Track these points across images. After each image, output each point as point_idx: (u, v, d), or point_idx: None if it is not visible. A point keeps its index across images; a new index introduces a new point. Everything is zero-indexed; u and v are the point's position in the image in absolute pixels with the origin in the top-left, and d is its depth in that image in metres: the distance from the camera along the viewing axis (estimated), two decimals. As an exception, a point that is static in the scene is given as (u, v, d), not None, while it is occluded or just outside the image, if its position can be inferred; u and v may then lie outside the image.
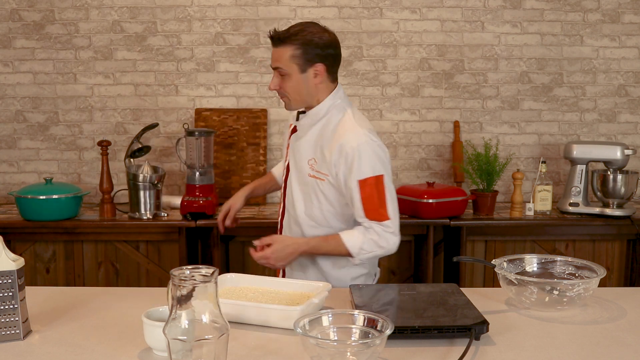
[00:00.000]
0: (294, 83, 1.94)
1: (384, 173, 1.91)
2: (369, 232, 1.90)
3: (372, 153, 1.90)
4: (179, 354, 1.13)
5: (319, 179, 1.97)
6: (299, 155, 2.02)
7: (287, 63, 1.92)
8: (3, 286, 1.40)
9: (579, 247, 3.23)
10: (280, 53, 1.92)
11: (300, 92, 1.96)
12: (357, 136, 1.90)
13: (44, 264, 3.17)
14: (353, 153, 1.88)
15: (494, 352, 1.35)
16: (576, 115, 3.56)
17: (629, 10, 3.49)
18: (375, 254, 1.93)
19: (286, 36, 1.91)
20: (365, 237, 1.90)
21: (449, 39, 3.49)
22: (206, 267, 1.16)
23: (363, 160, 1.88)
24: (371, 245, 1.90)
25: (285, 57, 1.92)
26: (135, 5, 3.42)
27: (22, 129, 3.50)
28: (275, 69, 1.95)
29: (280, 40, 1.91)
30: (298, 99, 1.98)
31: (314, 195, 1.99)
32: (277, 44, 1.92)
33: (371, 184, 1.88)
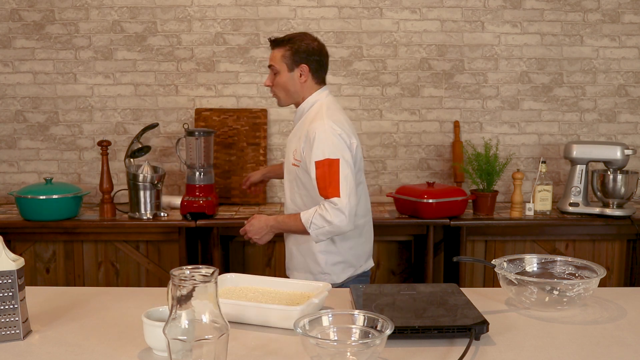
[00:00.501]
0: (283, 80, 2.24)
1: (340, 158, 2.10)
2: (320, 208, 2.09)
3: (329, 139, 2.12)
4: (179, 354, 1.13)
5: (297, 166, 2.22)
6: (288, 149, 2.32)
7: (279, 62, 2.24)
8: (3, 286, 1.40)
9: (579, 247, 3.23)
10: (274, 54, 2.25)
11: (288, 88, 2.26)
12: (321, 124, 2.14)
13: (44, 264, 3.17)
14: (313, 137, 2.13)
15: (494, 352, 1.35)
16: (576, 115, 3.56)
17: (629, 10, 3.49)
18: (325, 229, 2.07)
19: (281, 40, 2.25)
20: (316, 212, 2.09)
21: (449, 39, 3.49)
22: (206, 267, 1.16)
23: (320, 144, 2.11)
24: (320, 220, 2.07)
25: (278, 57, 2.24)
26: (135, 5, 3.43)
27: (22, 129, 3.51)
28: (270, 67, 2.27)
29: (276, 43, 2.26)
30: (286, 95, 2.28)
31: (295, 183, 2.25)
32: (273, 46, 2.26)
33: (325, 165, 2.09)
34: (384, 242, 3.41)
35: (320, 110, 2.20)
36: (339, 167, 2.08)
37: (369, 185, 3.56)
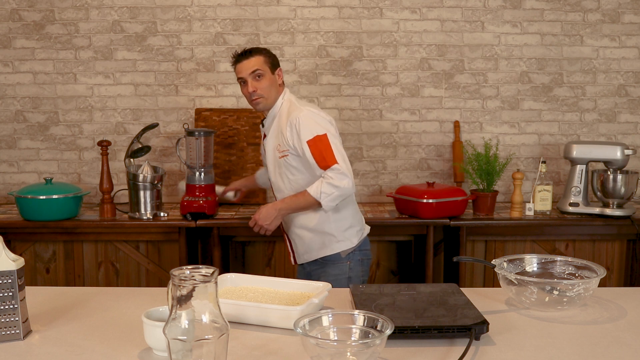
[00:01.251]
0: (269, 82, 2.44)
1: (326, 132, 2.34)
2: (325, 179, 2.31)
3: (310, 119, 2.36)
4: (179, 354, 1.13)
5: (285, 155, 2.41)
6: (269, 149, 2.50)
7: (263, 66, 2.44)
8: (3, 286, 1.40)
9: (579, 247, 3.23)
10: (255, 61, 2.43)
11: (272, 90, 2.46)
12: (298, 111, 2.39)
13: (44, 264, 3.17)
14: (297, 122, 2.36)
15: (494, 352, 1.35)
16: (576, 115, 3.56)
17: (629, 10, 3.49)
18: (335, 194, 2.29)
19: (254, 50, 2.46)
20: (322, 182, 2.30)
21: (449, 39, 3.49)
22: (206, 267, 1.16)
23: (305, 126, 2.35)
24: (329, 187, 2.29)
25: (260, 62, 2.44)
26: (135, 5, 3.43)
27: (22, 129, 3.51)
28: (253, 73, 2.42)
29: (252, 52, 2.45)
30: (270, 96, 2.46)
31: (287, 171, 2.44)
32: (248, 56, 2.44)
33: (316, 141, 2.32)
34: (384, 242, 3.41)
35: (291, 105, 2.45)
36: (328, 139, 2.33)
37: (369, 185, 3.57)
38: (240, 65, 2.45)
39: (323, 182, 2.30)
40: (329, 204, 2.32)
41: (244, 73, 2.44)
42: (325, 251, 2.46)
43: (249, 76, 2.43)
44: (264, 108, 2.49)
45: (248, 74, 2.43)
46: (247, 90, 2.45)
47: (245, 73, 2.44)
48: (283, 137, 2.41)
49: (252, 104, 2.49)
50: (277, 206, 2.41)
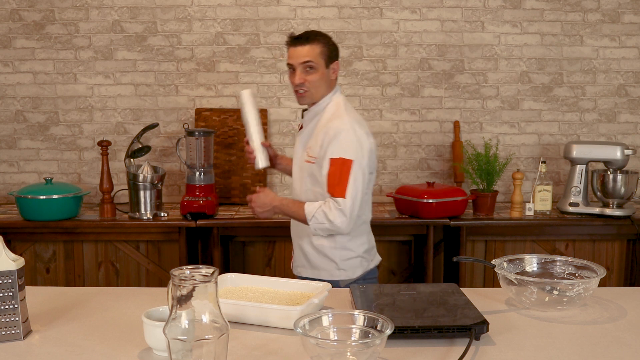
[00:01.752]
0: (319, 76, 2.20)
1: (354, 160, 2.11)
2: (325, 205, 2.11)
3: (349, 139, 2.13)
4: (179, 354, 1.13)
5: (311, 162, 2.21)
6: (300, 145, 2.31)
7: (317, 57, 2.18)
8: (3, 286, 1.40)
9: (579, 247, 3.23)
10: (309, 49, 2.17)
11: (322, 85, 2.21)
12: (342, 122, 2.16)
13: (44, 264, 3.17)
14: (334, 134, 2.14)
15: (494, 352, 1.35)
16: (576, 115, 3.56)
17: (629, 10, 3.49)
18: (325, 226, 2.11)
19: (313, 36, 2.20)
20: (320, 207, 2.11)
21: (449, 39, 3.49)
22: (206, 267, 1.16)
23: (338, 142, 2.12)
24: (322, 216, 2.10)
25: (316, 52, 2.18)
26: (135, 5, 3.43)
27: (22, 129, 3.51)
28: (304, 64, 2.18)
29: (309, 39, 2.18)
30: (317, 92, 2.22)
31: (309, 178, 2.24)
32: (304, 42, 2.18)
33: (338, 164, 2.11)
34: (384, 242, 3.41)
35: (338, 109, 2.21)
36: (350, 168, 2.10)
37: (369, 185, 3.56)
38: (293, 50, 2.20)
39: (321, 207, 2.11)
40: (316, 231, 2.15)
41: (294, 60, 2.20)
42: (321, 274, 2.24)
43: (299, 65, 2.19)
44: (307, 102, 2.27)
45: (299, 63, 2.19)
46: (294, 80, 2.21)
47: (296, 61, 2.19)
48: (317, 141, 2.21)
49: (296, 95, 2.26)
50: (274, 202, 2.23)
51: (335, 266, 2.24)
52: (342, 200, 2.08)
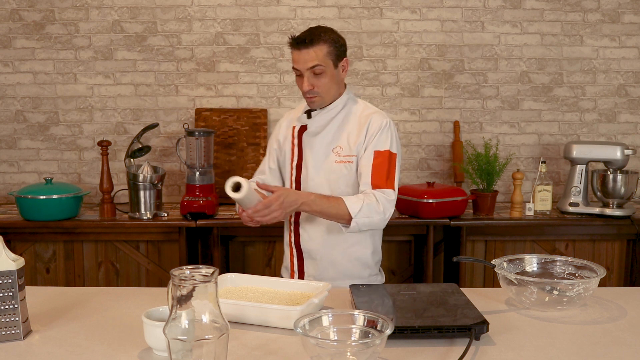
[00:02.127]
0: (329, 79, 2.07)
1: (398, 154, 2.08)
2: (368, 197, 1.98)
3: (393, 134, 2.09)
4: (179, 354, 1.13)
5: (347, 162, 2.08)
6: (320, 149, 2.12)
7: (325, 60, 2.04)
8: (3, 286, 1.40)
9: (579, 247, 3.23)
10: (314, 52, 2.03)
11: (332, 87, 2.09)
12: (383, 116, 2.10)
13: (44, 264, 3.17)
14: (380, 127, 2.06)
15: (494, 352, 1.35)
16: (576, 115, 3.56)
17: (629, 10, 3.49)
18: (372, 220, 1.97)
19: (317, 37, 2.04)
20: (364, 201, 1.97)
21: (449, 39, 3.49)
22: (206, 267, 1.16)
23: (385, 136, 2.06)
24: (369, 210, 1.96)
25: (322, 55, 2.03)
26: (135, 5, 3.43)
27: (22, 129, 3.51)
28: (312, 69, 2.03)
29: (313, 41, 2.03)
30: (329, 94, 2.10)
31: (343, 180, 2.09)
32: (308, 45, 2.02)
33: (385, 156, 2.04)
34: (384, 242, 3.37)
35: (366, 105, 2.15)
36: (396, 162, 2.07)
37: (369, 185, 3.56)
38: (298, 54, 2.04)
39: (365, 200, 1.96)
40: (358, 227, 1.96)
41: (300, 65, 2.04)
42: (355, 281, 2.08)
43: (306, 71, 2.03)
44: (319, 106, 2.12)
45: (305, 69, 2.03)
46: (302, 85, 2.06)
47: (302, 66, 2.04)
48: (351, 140, 2.07)
49: (307, 100, 2.12)
50: (302, 197, 1.93)
51: (370, 271, 2.16)
52: (391, 192, 2.01)
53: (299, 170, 2.17)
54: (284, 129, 2.25)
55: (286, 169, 2.23)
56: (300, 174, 2.16)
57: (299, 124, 2.19)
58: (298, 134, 2.18)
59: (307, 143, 2.16)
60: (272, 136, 2.30)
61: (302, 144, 2.17)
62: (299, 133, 2.18)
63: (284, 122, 2.27)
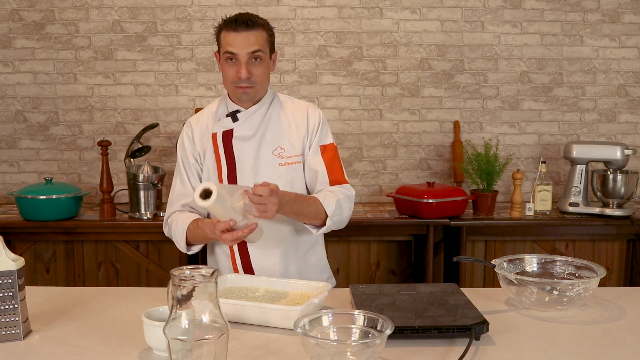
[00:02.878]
0: (265, 68, 1.88)
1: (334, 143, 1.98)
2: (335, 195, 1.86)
3: (328, 123, 1.98)
4: (179, 354, 1.13)
5: (294, 162, 1.92)
6: (256, 154, 1.90)
7: (264, 46, 1.86)
8: (3, 286, 1.40)
9: (579, 247, 3.23)
10: (256, 36, 1.84)
11: (267, 79, 1.91)
12: (315, 108, 1.97)
13: (44, 264, 3.17)
14: (319, 120, 1.94)
15: (494, 352, 1.35)
16: (576, 115, 3.56)
17: (629, 10, 3.49)
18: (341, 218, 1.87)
19: (257, 20, 1.87)
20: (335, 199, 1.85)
21: (449, 39, 3.49)
22: (206, 267, 1.16)
23: (325, 128, 1.95)
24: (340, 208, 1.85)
25: (263, 40, 1.86)
26: (135, 5, 3.43)
27: (22, 129, 3.51)
28: (252, 53, 1.83)
29: (255, 24, 1.85)
30: (263, 87, 1.91)
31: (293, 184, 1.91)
32: (250, 27, 1.84)
33: (332, 149, 1.93)
34: (384, 242, 3.41)
35: (292, 99, 2.00)
36: (337, 152, 1.96)
37: (369, 185, 3.57)
38: (235, 37, 1.82)
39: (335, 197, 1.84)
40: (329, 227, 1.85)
41: (239, 49, 1.82)
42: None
43: (245, 55, 1.82)
44: (250, 99, 1.90)
45: (245, 53, 1.82)
46: (238, 72, 1.83)
47: (242, 50, 1.82)
48: (292, 137, 1.91)
49: (238, 91, 1.87)
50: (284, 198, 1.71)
51: (328, 274, 2.08)
52: (350, 186, 1.93)
53: (232, 182, 1.91)
54: (199, 139, 1.96)
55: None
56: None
57: (221, 129, 1.92)
58: (223, 141, 1.92)
59: (237, 149, 1.91)
60: (184, 152, 1.98)
61: (231, 152, 1.91)
62: (225, 140, 1.92)
63: (196, 131, 1.97)
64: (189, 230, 1.88)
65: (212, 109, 2.00)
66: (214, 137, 1.93)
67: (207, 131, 1.96)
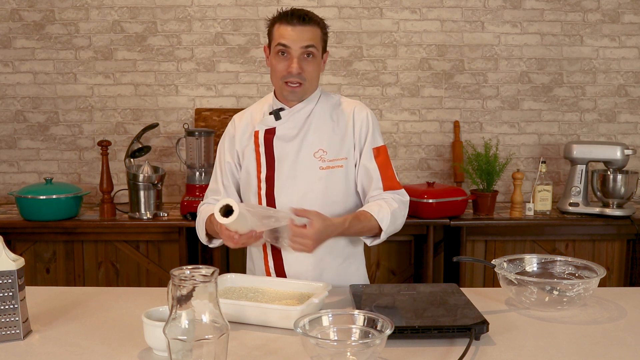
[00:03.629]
0: (316, 66, 1.82)
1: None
2: (389, 204, 1.78)
3: (378, 124, 1.89)
4: (179, 354, 1.13)
5: (337, 167, 1.83)
6: (297, 155, 1.84)
7: (318, 43, 1.80)
8: (3, 286, 1.40)
9: (579, 247, 3.23)
10: (312, 32, 1.77)
11: (316, 77, 1.84)
12: (364, 107, 1.88)
13: (44, 264, 3.17)
14: (368, 121, 1.85)
15: (494, 352, 1.35)
16: (576, 115, 3.56)
17: (629, 10, 3.49)
18: (396, 226, 1.80)
19: (313, 16, 1.81)
20: (389, 209, 1.77)
21: (449, 39, 3.49)
22: (206, 267, 1.16)
23: (376, 129, 1.86)
24: (394, 218, 1.77)
25: (318, 36, 1.80)
26: (135, 5, 3.42)
27: (22, 129, 3.50)
28: (305, 48, 1.77)
29: (311, 20, 1.79)
30: (312, 86, 1.84)
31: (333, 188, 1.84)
32: (306, 22, 1.78)
33: (384, 152, 1.85)
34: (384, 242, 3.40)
35: (339, 96, 1.93)
36: (388, 154, 1.88)
37: (369, 185, 3.56)
38: (292, 30, 1.75)
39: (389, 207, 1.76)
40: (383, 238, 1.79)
41: (293, 43, 1.75)
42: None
43: (299, 49, 1.75)
44: (298, 98, 1.83)
45: (299, 47, 1.75)
46: (289, 66, 1.76)
47: (296, 44, 1.75)
48: (336, 139, 1.83)
49: (286, 87, 1.79)
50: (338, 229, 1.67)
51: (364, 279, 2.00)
52: (404, 191, 1.85)
53: (269, 183, 1.84)
54: (240, 138, 1.92)
55: (251, 184, 1.89)
56: (273, 187, 1.84)
57: (264, 127, 1.87)
58: (265, 140, 1.87)
59: (278, 150, 1.85)
60: (223, 149, 1.95)
61: (271, 152, 1.86)
62: (266, 139, 1.87)
63: (238, 129, 1.93)
64: (207, 223, 1.85)
65: (257, 106, 1.95)
66: (256, 136, 1.88)
67: (249, 129, 1.91)
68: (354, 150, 1.85)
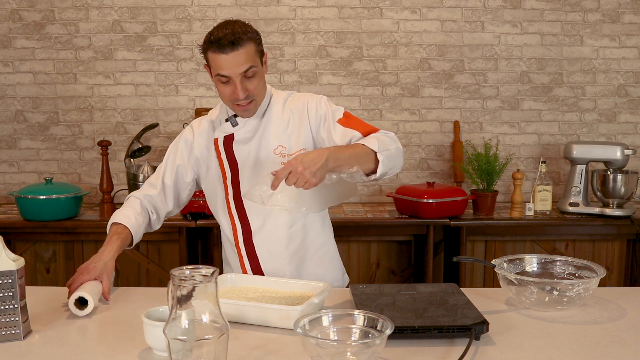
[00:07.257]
0: (260, 79, 1.81)
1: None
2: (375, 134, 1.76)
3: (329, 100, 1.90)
4: (179, 354, 1.13)
5: None
6: (258, 155, 1.87)
7: (255, 59, 1.77)
8: (3, 286, 1.40)
9: (579, 247, 3.23)
10: (245, 54, 1.73)
11: (264, 86, 1.85)
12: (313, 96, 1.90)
13: (44, 264, 3.17)
14: (320, 103, 1.86)
15: (494, 352, 1.35)
16: (576, 115, 3.56)
17: (629, 10, 3.49)
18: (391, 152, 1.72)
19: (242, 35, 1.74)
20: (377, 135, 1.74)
21: (449, 39, 3.49)
22: (206, 267, 1.16)
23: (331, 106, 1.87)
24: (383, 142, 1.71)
25: (252, 53, 1.75)
26: (135, 5, 3.43)
27: (22, 129, 3.51)
28: (244, 72, 1.75)
29: (241, 40, 1.73)
30: (261, 95, 1.85)
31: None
32: (237, 46, 1.72)
33: (347, 114, 1.84)
34: (384, 242, 3.41)
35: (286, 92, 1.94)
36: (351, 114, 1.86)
37: (369, 185, 3.56)
38: (225, 59, 1.73)
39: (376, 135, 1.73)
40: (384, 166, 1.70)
41: (231, 71, 1.74)
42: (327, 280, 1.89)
43: (239, 76, 1.75)
44: (252, 114, 1.86)
45: (238, 74, 1.74)
46: (234, 92, 1.77)
47: (233, 71, 1.74)
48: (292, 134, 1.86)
49: (238, 108, 1.82)
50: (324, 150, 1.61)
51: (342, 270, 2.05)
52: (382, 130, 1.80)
53: (235, 186, 1.89)
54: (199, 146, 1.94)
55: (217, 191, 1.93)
56: (239, 190, 1.88)
57: (222, 134, 1.90)
58: (224, 146, 1.90)
59: (239, 153, 1.88)
60: (176, 150, 1.96)
61: (233, 156, 1.89)
62: (226, 145, 1.90)
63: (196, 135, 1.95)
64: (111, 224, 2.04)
65: (213, 115, 1.97)
66: (216, 143, 1.91)
67: (208, 137, 1.94)
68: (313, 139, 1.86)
